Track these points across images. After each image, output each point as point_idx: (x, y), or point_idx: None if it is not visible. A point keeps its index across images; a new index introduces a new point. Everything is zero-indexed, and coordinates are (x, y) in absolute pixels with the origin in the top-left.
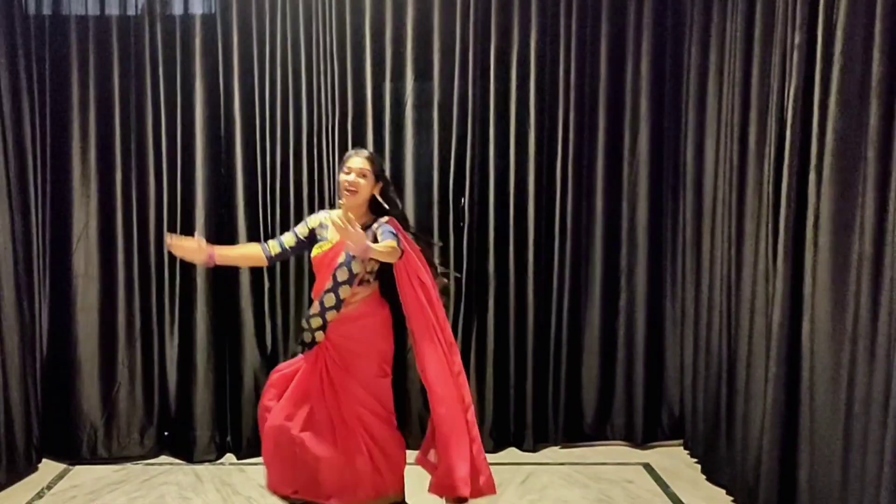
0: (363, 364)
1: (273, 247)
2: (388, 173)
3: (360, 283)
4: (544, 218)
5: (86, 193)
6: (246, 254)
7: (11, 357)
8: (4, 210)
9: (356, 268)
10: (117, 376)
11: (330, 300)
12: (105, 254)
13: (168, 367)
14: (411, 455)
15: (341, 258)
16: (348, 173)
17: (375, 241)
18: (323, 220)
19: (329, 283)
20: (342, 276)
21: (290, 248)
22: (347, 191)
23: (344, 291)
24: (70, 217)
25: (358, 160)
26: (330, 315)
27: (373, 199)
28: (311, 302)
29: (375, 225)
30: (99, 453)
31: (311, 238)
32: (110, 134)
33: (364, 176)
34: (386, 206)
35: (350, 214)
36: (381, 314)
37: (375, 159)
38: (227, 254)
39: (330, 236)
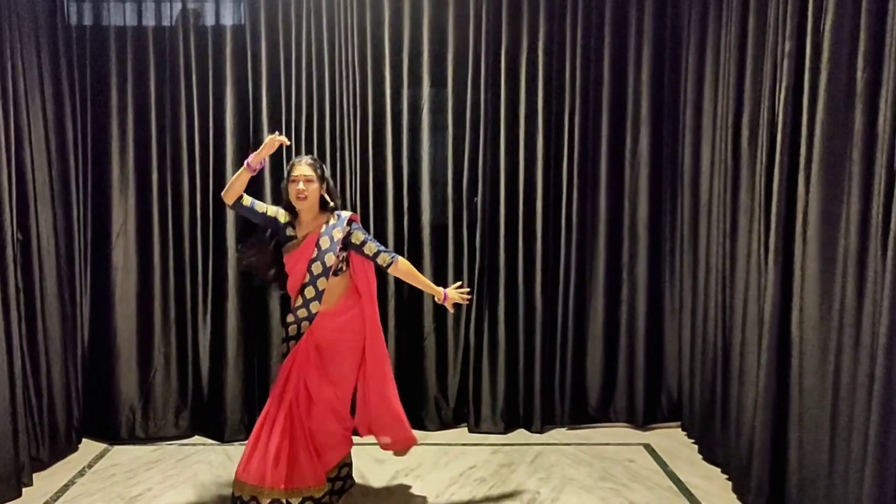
0: (348, 355)
1: (246, 199)
2: (327, 172)
3: (335, 273)
4: (551, 214)
5: (124, 192)
6: (242, 185)
7: (54, 344)
8: (48, 208)
9: (329, 261)
10: (154, 362)
11: (310, 292)
12: (142, 248)
13: (201, 354)
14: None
15: (314, 254)
16: (296, 182)
17: (348, 239)
18: (283, 217)
19: (306, 278)
20: (317, 269)
21: (257, 212)
22: (298, 198)
23: (321, 283)
24: (109, 214)
25: (302, 168)
26: (313, 306)
27: (320, 197)
28: (286, 300)
29: (333, 220)
30: (137, 434)
31: (275, 224)
32: (147, 137)
33: (310, 181)
34: (330, 201)
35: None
36: (360, 305)
37: (316, 163)
38: (242, 180)
39: (298, 234)
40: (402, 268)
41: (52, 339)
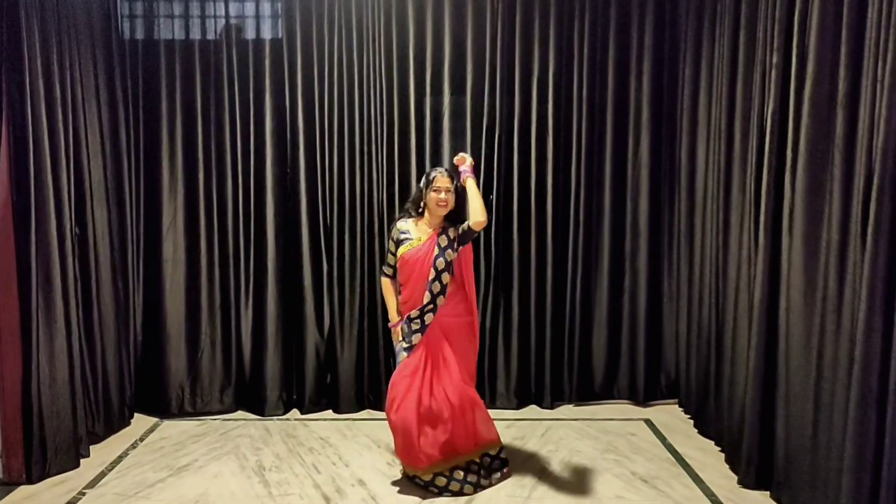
0: (462, 332)
1: (389, 271)
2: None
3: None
4: (560, 211)
5: (173, 191)
6: (393, 294)
7: (108, 329)
8: (103, 205)
9: (450, 256)
10: (201, 344)
11: (436, 287)
12: (190, 241)
13: (243, 337)
14: None
15: (436, 251)
16: (438, 192)
17: (461, 238)
18: (401, 227)
19: (432, 274)
20: (441, 265)
21: (395, 265)
22: (439, 206)
23: (445, 277)
24: (160, 211)
25: (444, 180)
26: (439, 300)
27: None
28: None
29: (451, 229)
30: (185, 409)
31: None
32: (194, 140)
33: (450, 191)
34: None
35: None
36: (464, 291)
37: (454, 175)
38: (394, 308)
39: (413, 236)
40: (475, 212)
41: (107, 325)
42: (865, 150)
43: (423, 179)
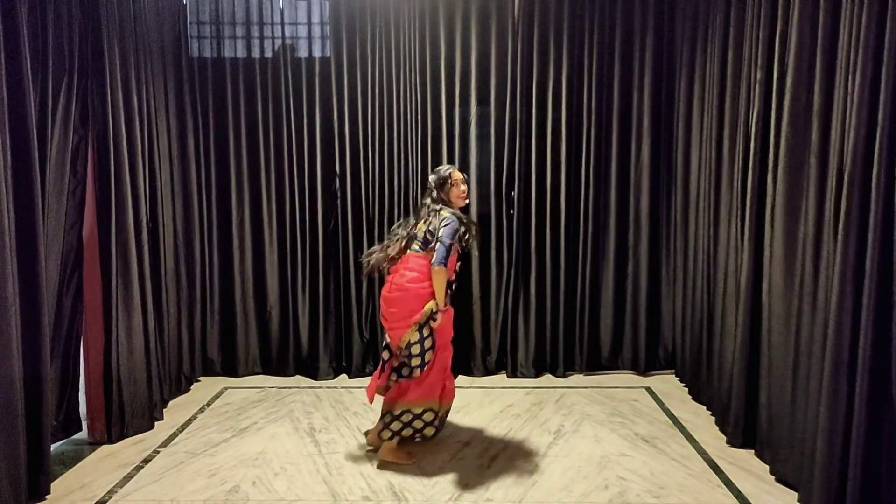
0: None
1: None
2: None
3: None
4: (572, 206)
5: (240, 189)
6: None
7: (173, 310)
8: (169, 199)
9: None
10: (266, 322)
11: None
12: (255, 234)
13: (300, 317)
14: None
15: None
16: (461, 185)
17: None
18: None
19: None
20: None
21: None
22: (461, 198)
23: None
24: (230, 208)
25: (461, 175)
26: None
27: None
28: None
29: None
30: (255, 372)
31: None
32: (256, 145)
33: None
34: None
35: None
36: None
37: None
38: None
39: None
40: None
41: (172, 305)
42: (837, 155)
43: (437, 179)
